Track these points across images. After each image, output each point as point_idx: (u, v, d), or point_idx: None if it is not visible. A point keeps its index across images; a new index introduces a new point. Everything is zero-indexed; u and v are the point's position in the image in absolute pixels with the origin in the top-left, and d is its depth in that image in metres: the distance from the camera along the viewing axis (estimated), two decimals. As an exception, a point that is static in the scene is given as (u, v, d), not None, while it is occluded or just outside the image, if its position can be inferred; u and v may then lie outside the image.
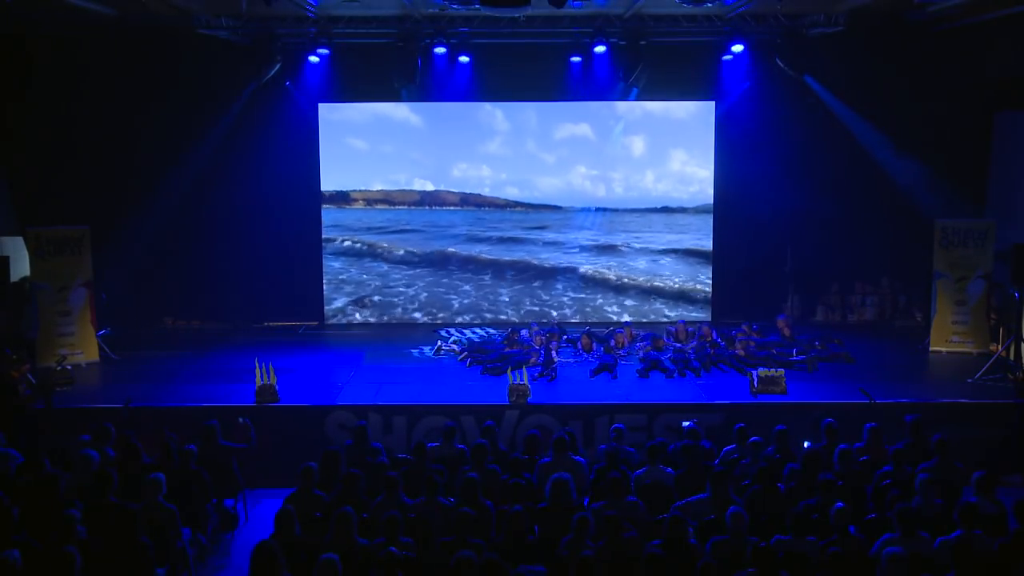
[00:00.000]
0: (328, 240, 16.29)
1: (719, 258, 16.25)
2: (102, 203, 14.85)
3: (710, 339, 13.67)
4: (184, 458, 9.04)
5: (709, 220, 16.22)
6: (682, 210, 16.23)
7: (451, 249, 16.46)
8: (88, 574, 6.85)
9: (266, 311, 16.15)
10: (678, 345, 13.73)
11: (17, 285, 13.95)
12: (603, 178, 16.28)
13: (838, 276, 16.19)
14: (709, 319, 15.77)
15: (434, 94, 15.50)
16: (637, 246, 16.40)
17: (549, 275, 16.42)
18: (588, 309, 16.20)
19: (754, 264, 15.89)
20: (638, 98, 15.49)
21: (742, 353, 13.23)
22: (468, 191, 16.28)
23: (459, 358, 13.63)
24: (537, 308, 16.19)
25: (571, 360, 13.45)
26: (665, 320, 15.77)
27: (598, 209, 16.31)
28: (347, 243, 16.37)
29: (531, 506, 7.93)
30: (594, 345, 13.83)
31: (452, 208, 16.36)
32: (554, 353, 13.22)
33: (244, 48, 14.39)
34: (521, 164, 16.22)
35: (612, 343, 13.89)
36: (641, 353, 13.54)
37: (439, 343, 14.12)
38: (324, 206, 16.18)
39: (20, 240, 14.02)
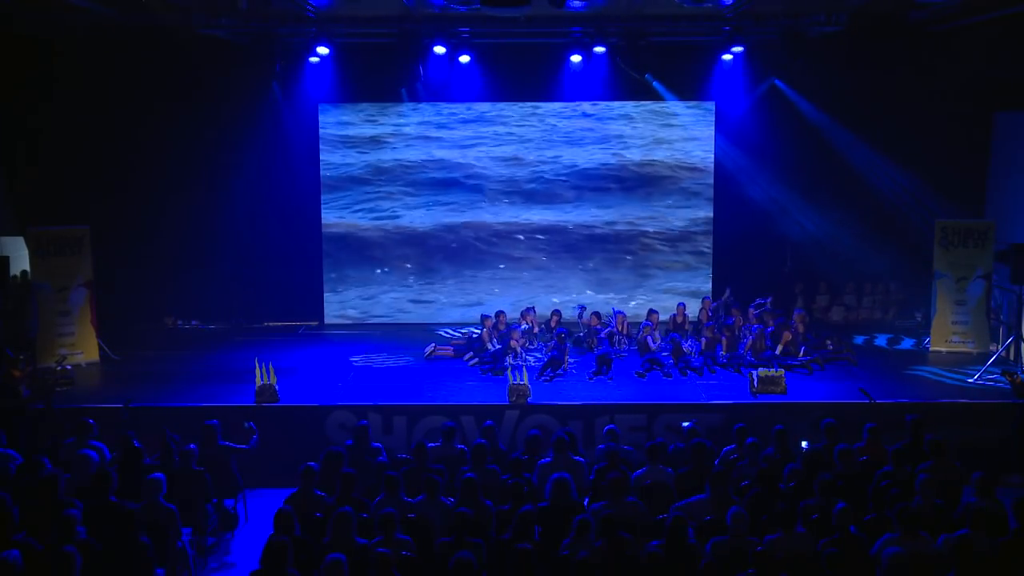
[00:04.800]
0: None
1: (719, 257, 16.25)
2: (102, 203, 14.86)
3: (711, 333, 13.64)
4: (185, 458, 9.04)
5: (709, 220, 16.24)
6: (683, 206, 16.28)
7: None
8: (88, 574, 6.85)
9: (266, 311, 16.15)
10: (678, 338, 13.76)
11: (17, 285, 13.94)
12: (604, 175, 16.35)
13: (837, 276, 16.17)
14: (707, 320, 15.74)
15: (434, 94, 15.50)
16: (636, 244, 16.44)
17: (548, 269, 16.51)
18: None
19: (754, 264, 15.88)
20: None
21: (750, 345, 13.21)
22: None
23: (465, 358, 13.62)
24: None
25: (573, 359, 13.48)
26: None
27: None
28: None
29: (531, 506, 7.92)
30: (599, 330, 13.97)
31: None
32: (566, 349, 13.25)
33: (244, 48, 14.39)
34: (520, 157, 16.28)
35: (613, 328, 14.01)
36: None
37: (432, 345, 14.11)
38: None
39: (20, 240, 14.01)
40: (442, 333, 15.45)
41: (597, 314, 14.49)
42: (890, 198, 15.43)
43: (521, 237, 16.38)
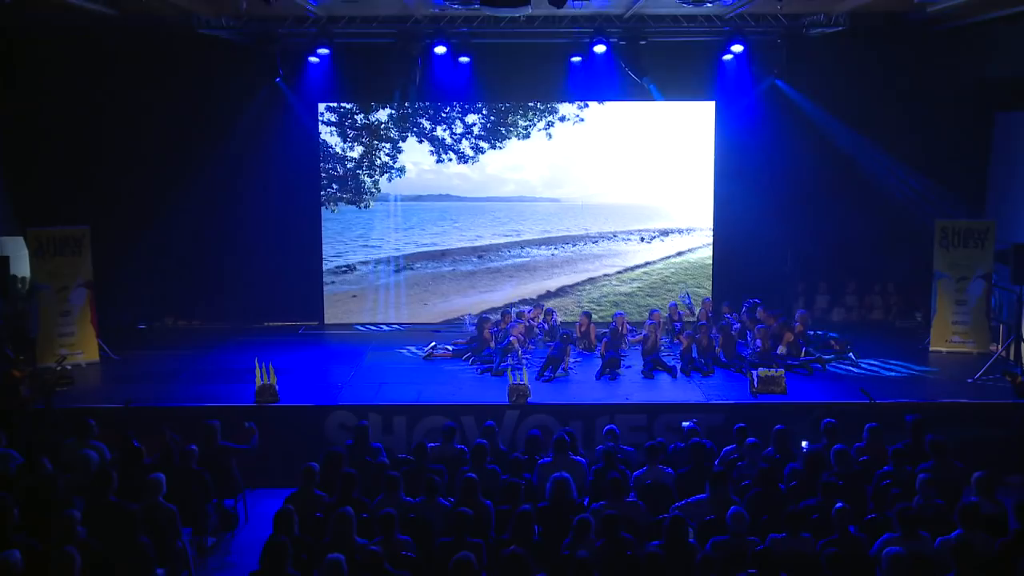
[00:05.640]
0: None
1: (719, 257, 16.25)
2: (102, 203, 14.86)
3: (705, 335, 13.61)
4: (185, 458, 9.04)
5: (709, 220, 16.24)
6: (682, 206, 16.29)
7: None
8: (88, 574, 6.85)
9: (266, 311, 16.14)
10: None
11: (19, 287, 13.95)
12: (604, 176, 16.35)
13: (838, 276, 16.17)
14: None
15: (434, 94, 15.50)
16: (636, 244, 16.44)
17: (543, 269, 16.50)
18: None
19: (754, 264, 15.88)
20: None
21: (759, 343, 13.21)
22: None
23: (464, 358, 13.62)
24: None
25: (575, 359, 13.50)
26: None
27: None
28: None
29: (531, 506, 7.92)
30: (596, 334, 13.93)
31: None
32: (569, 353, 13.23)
33: (244, 48, 14.38)
34: (519, 159, 16.28)
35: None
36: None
37: (431, 345, 14.10)
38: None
39: (20, 240, 14.02)
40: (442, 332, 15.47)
41: (587, 315, 14.54)
42: (890, 198, 15.42)
43: (521, 241, 16.38)
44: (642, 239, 16.39)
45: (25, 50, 14.27)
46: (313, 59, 14.67)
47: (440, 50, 14.19)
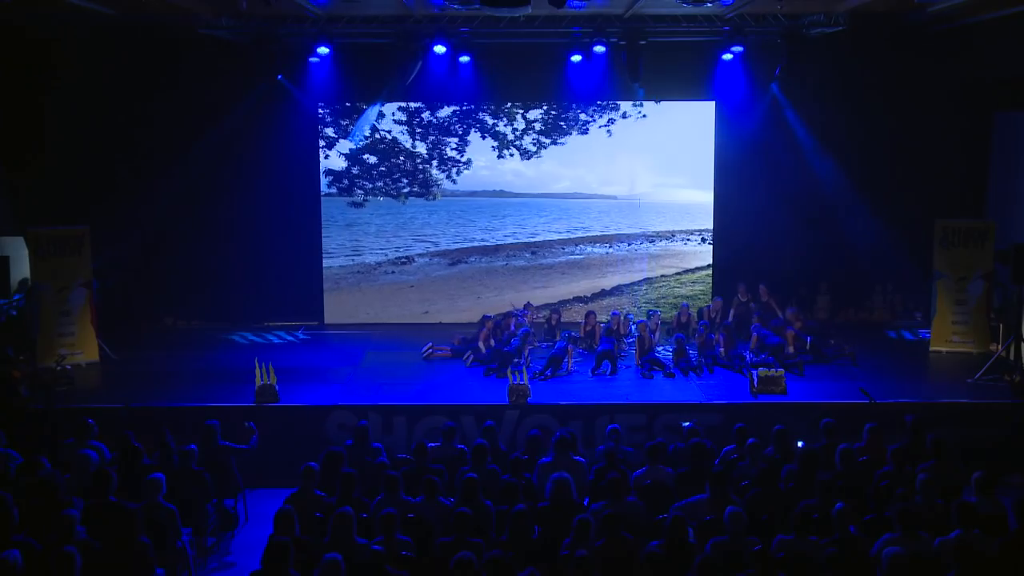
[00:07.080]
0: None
1: (720, 255, 16.25)
2: (102, 203, 14.86)
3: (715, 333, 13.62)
4: (184, 458, 9.04)
5: (709, 220, 16.23)
6: (683, 207, 16.26)
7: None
8: (88, 574, 6.85)
9: (266, 311, 16.15)
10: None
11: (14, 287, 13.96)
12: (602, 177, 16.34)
13: (838, 276, 16.17)
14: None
15: (434, 94, 15.50)
16: (697, 245, 16.43)
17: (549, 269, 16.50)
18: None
19: (755, 264, 15.86)
20: (644, 98, 15.44)
21: (753, 347, 13.21)
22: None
23: (463, 358, 13.62)
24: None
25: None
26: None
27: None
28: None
29: (531, 506, 7.93)
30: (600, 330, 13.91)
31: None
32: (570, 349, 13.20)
33: (244, 48, 14.39)
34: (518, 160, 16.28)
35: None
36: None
37: (429, 345, 14.09)
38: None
39: (20, 240, 14.02)
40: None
41: (592, 314, 14.54)
42: (890, 197, 15.43)
43: (576, 239, 16.39)
44: (703, 240, 16.37)
45: (25, 50, 14.26)
46: (313, 59, 14.67)
47: (440, 50, 14.19)
